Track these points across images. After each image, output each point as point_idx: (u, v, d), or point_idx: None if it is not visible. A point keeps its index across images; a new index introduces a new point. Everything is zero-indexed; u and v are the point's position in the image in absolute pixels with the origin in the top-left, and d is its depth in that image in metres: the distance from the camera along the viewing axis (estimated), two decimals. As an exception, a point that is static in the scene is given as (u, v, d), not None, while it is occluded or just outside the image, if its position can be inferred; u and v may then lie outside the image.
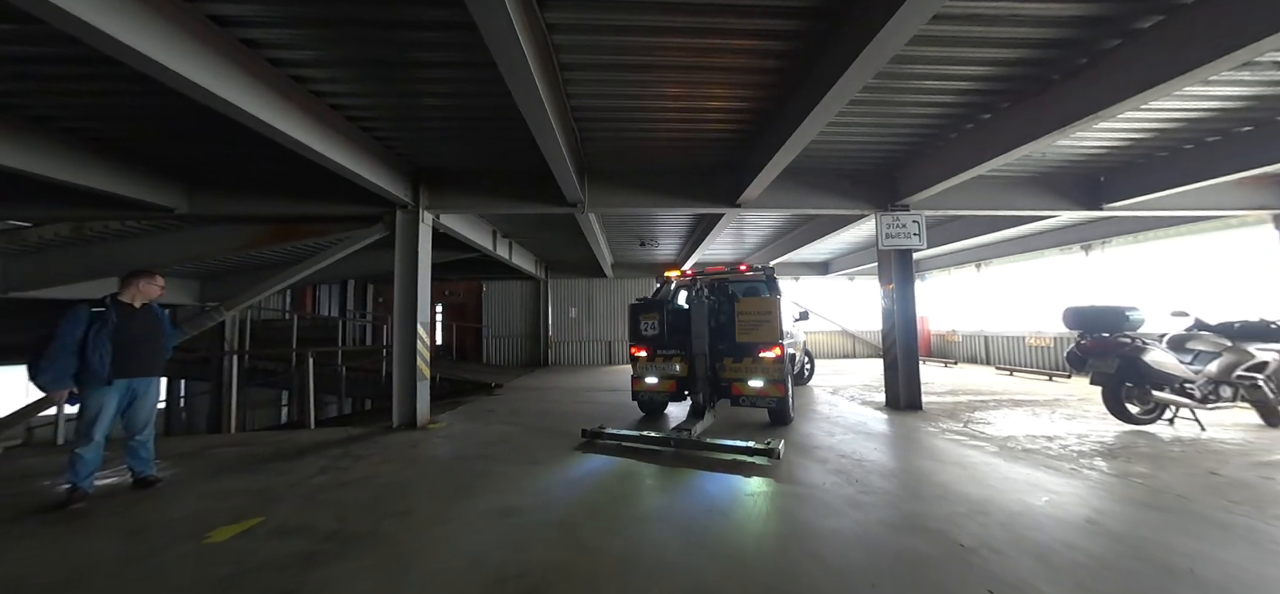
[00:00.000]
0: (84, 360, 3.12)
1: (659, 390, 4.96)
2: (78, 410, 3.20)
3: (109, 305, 3.30)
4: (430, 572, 2.17)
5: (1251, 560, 2.15)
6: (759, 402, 4.68)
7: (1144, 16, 3.09)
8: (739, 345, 4.67)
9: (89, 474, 3.20)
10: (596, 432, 4.33)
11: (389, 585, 2.06)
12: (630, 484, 3.31)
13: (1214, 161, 4.99)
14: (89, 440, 3.16)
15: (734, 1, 2.91)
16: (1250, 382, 4.38)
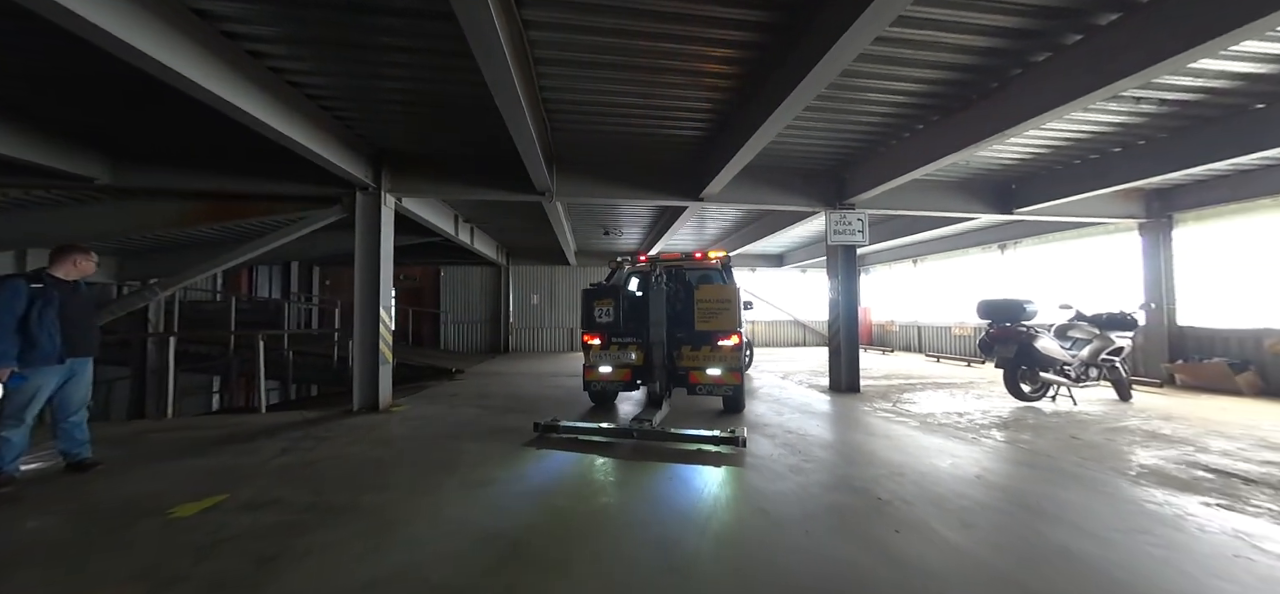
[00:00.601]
0: (30, 338, 2.96)
1: (613, 380, 4.79)
2: (10, 391, 3.01)
3: (47, 281, 3.12)
4: (417, 534, 2.32)
5: (1085, 498, 2.74)
6: (716, 390, 4.64)
7: (1037, 52, 3.64)
8: (698, 333, 4.58)
9: (15, 457, 3.06)
10: (550, 425, 3.97)
11: (379, 547, 2.19)
12: (587, 483, 3.04)
13: (1095, 176, 5.88)
14: (20, 423, 3.03)
15: (698, 13, 3.14)
16: (1110, 364, 5.29)
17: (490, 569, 2.01)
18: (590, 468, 3.29)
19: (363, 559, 2.09)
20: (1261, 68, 3.91)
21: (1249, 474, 3.08)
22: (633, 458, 3.46)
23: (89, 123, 4.63)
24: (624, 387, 4.90)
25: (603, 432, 3.92)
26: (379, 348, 5.36)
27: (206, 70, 3.10)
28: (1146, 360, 7.12)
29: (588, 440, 3.84)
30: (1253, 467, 3.24)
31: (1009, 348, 5.32)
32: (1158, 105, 4.55)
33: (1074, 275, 8.71)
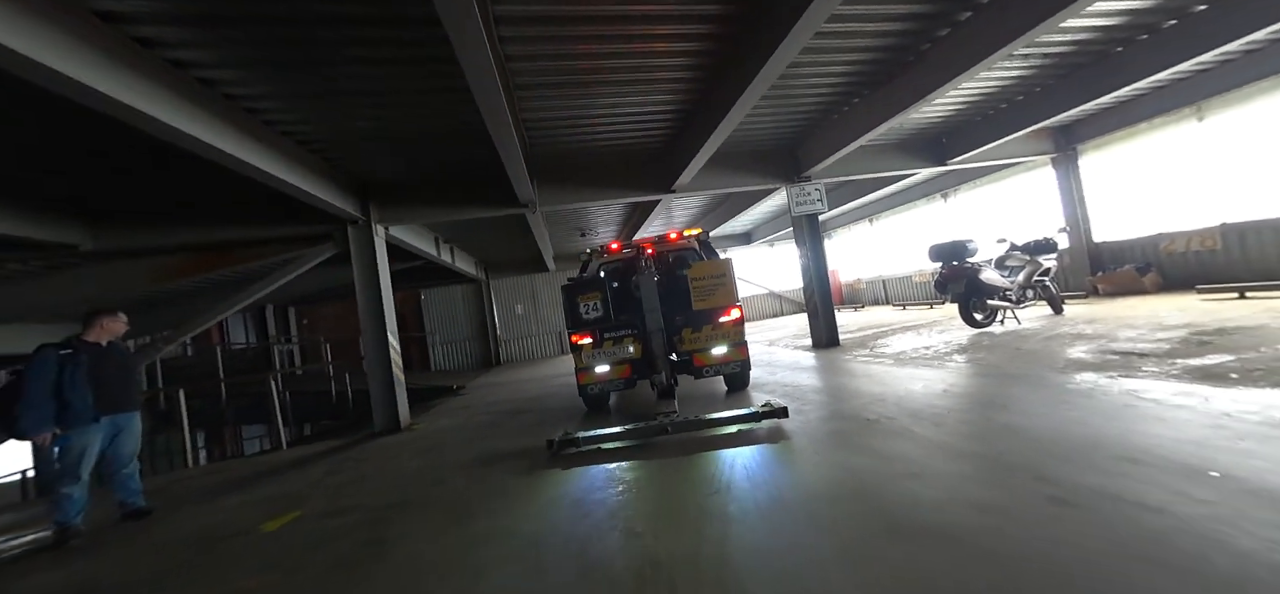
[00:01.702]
0: (64, 401, 3.14)
1: (612, 379, 4.33)
2: (60, 452, 3.21)
3: (76, 346, 3.30)
4: (494, 507, 2.67)
5: (1025, 390, 3.39)
6: (724, 368, 4.41)
7: (940, 28, 4.28)
8: (697, 313, 4.31)
9: (79, 512, 3.24)
10: (566, 439, 3.34)
11: (464, 522, 2.53)
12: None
13: (1008, 123, 6.74)
14: (77, 479, 3.21)
15: (658, 31, 3.57)
16: (1042, 284, 6.13)
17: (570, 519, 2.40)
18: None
19: (455, 530, 2.44)
20: (1112, 21, 4.74)
21: (1144, 351, 3.84)
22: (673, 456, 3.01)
23: (71, 192, 4.63)
24: (624, 385, 4.43)
25: (633, 433, 3.37)
26: (392, 370, 5.56)
27: (209, 129, 3.29)
28: (1073, 276, 8.15)
29: (614, 450, 3.28)
30: (1147, 345, 4.02)
31: (959, 284, 6.07)
32: (1043, 59, 5.35)
33: (1007, 212, 9.73)
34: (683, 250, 5.27)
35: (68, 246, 4.93)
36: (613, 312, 4.38)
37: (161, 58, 2.99)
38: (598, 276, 4.85)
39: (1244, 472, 1.79)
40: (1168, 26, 4.96)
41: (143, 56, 2.85)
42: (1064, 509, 1.73)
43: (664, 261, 4.95)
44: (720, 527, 2.04)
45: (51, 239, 4.74)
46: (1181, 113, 6.69)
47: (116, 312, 3.54)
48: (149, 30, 2.79)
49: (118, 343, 3.56)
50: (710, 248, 5.37)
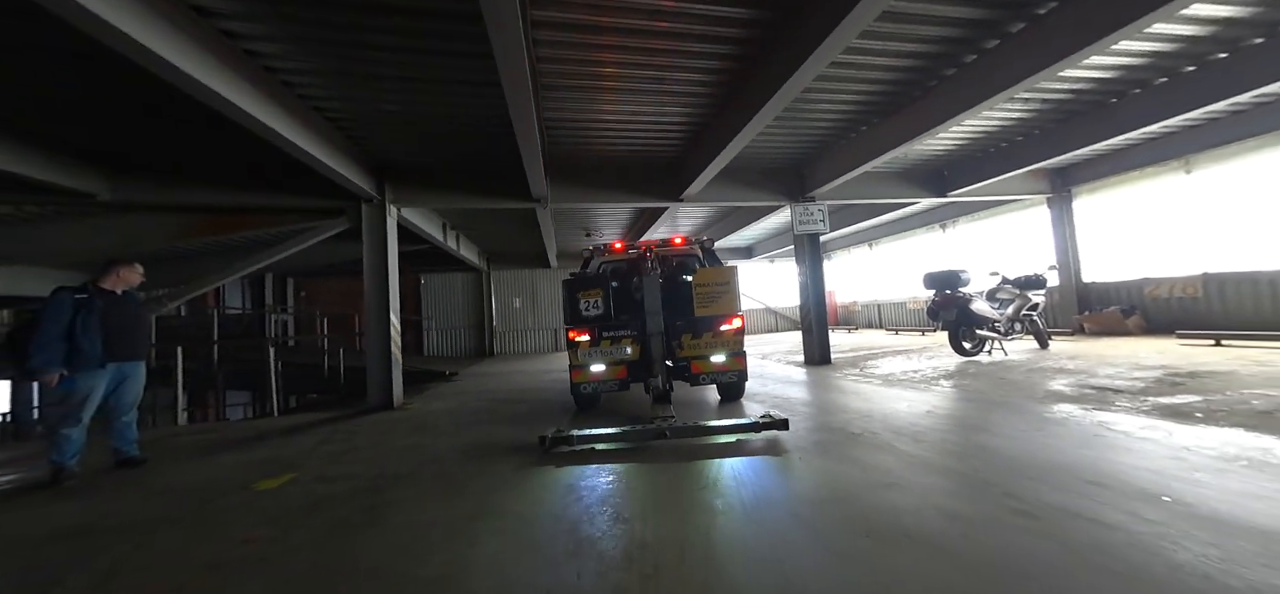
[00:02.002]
0: (75, 345, 3.23)
1: (606, 379, 4.27)
2: (65, 394, 3.29)
3: (91, 292, 3.40)
4: (486, 486, 2.78)
5: (1005, 416, 3.54)
6: (721, 378, 4.35)
7: (947, 68, 4.48)
8: (698, 320, 4.24)
9: (75, 454, 3.31)
10: (559, 436, 3.20)
11: (458, 498, 2.64)
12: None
13: (1007, 160, 6.96)
14: (77, 422, 3.29)
15: (682, 48, 3.74)
16: (1030, 318, 6.32)
17: (562, 501, 2.52)
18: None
19: (448, 502, 2.55)
20: (1108, 74, 4.97)
21: (1119, 388, 4.01)
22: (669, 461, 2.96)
23: (92, 141, 4.72)
24: (619, 386, 4.35)
25: (628, 435, 3.28)
26: (391, 349, 5.66)
27: (243, 92, 3.42)
28: (1062, 313, 8.36)
29: (609, 451, 3.19)
30: (1123, 382, 4.18)
31: (950, 312, 6.25)
32: (1042, 103, 5.58)
33: (1002, 246, 9.97)
34: (686, 256, 5.22)
35: (86, 195, 5.01)
36: (613, 311, 4.30)
37: (215, 27, 3.12)
38: (601, 273, 4.75)
39: (1193, 498, 1.94)
40: (1159, 83, 5.20)
41: (198, 23, 2.98)
42: (1026, 520, 1.87)
43: (666, 265, 4.85)
44: (706, 519, 2.16)
45: (70, 185, 4.82)
46: (1171, 164, 6.95)
47: (133, 262, 3.65)
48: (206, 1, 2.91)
49: (132, 292, 3.66)
50: (714, 255, 5.26)
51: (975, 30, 3.94)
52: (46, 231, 6.13)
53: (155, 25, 2.72)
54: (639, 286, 4.31)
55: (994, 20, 3.82)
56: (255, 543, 2.22)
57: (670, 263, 5.01)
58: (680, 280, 4.55)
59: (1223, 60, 4.73)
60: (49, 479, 3.22)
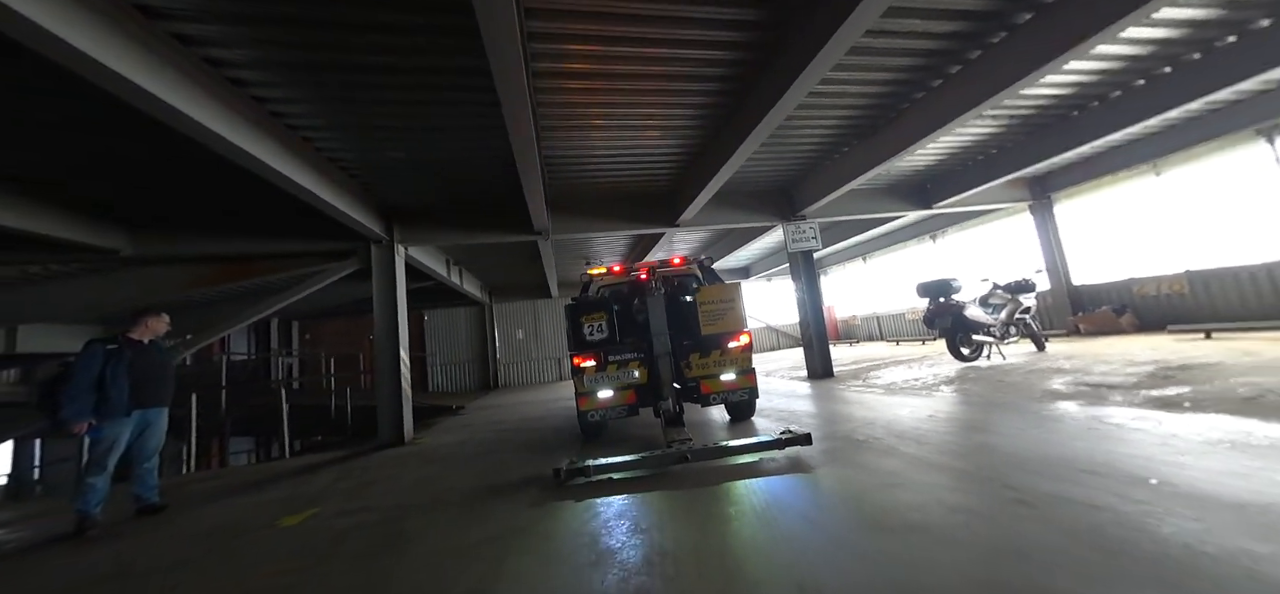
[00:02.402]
0: (103, 394, 3.34)
1: (615, 405, 4.13)
2: (92, 443, 3.39)
3: (121, 342, 3.54)
4: (511, 508, 2.86)
5: (1004, 416, 3.65)
6: (731, 396, 4.24)
7: (917, 91, 4.79)
8: (705, 338, 4.17)
9: (99, 502, 3.37)
10: (574, 468, 3.10)
11: (479, 525, 2.72)
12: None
13: (986, 171, 7.26)
14: (103, 470, 3.37)
15: (678, 74, 4.01)
16: (1023, 321, 6.47)
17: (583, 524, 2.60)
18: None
19: (472, 527, 2.63)
20: (1063, 91, 5.32)
21: (1112, 383, 4.13)
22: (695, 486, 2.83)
23: (115, 197, 4.94)
24: (628, 412, 4.19)
25: (649, 461, 3.15)
26: (401, 386, 5.75)
27: (266, 147, 3.66)
28: (1056, 315, 8.52)
29: (628, 479, 3.09)
30: (1116, 378, 4.31)
31: (946, 319, 6.40)
32: (1010, 119, 5.92)
33: (992, 253, 10.21)
34: (685, 276, 5.18)
35: (110, 251, 5.22)
36: (619, 333, 4.22)
37: (224, 76, 3.28)
38: (604, 297, 4.61)
39: (1178, 480, 2.05)
40: (1114, 96, 5.56)
41: (209, 73, 3.16)
42: (1023, 508, 1.98)
43: (667, 285, 4.76)
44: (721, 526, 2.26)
45: (94, 243, 5.03)
46: (1140, 168, 7.26)
47: (160, 312, 3.80)
48: (217, 52, 3.10)
49: (158, 341, 3.79)
50: (714, 273, 5.15)
51: (938, 59, 4.26)
52: (69, 288, 6.32)
53: (190, 92, 2.97)
54: (641, 308, 4.27)
55: (953, 50, 4.14)
56: (287, 574, 2.30)
57: (671, 283, 4.95)
58: (683, 299, 4.48)
59: (1168, 74, 5.08)
60: (73, 529, 3.28)
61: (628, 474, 3.14)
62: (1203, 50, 4.76)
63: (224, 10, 2.80)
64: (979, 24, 3.84)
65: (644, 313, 4.25)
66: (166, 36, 2.85)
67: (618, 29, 3.33)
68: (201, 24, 2.85)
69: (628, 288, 4.98)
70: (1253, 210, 6.37)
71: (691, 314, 4.29)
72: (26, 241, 4.67)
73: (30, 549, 3.16)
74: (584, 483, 3.07)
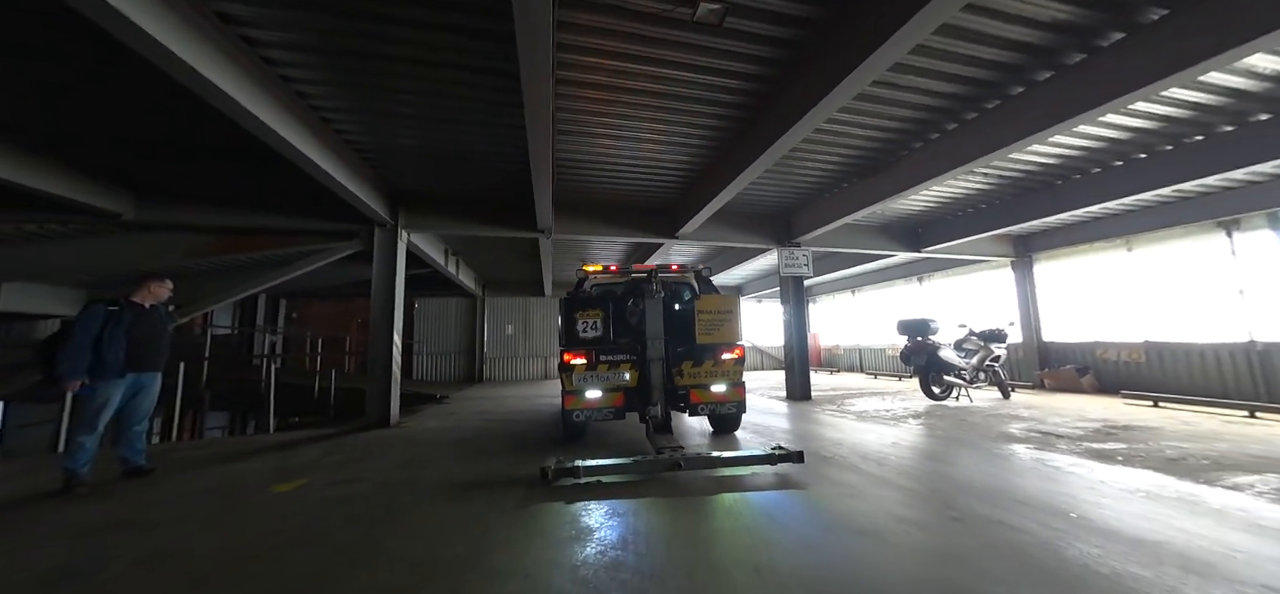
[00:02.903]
0: (100, 355, 3.38)
1: (602, 406, 4.00)
2: (84, 402, 3.42)
3: (123, 305, 3.59)
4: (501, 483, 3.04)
5: (961, 450, 3.94)
6: (719, 408, 4.17)
7: (916, 142, 5.15)
8: (700, 347, 4.10)
9: (87, 462, 3.40)
10: (563, 468, 3.02)
11: (468, 496, 2.90)
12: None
13: (974, 224, 7.67)
14: (93, 429, 3.40)
15: (690, 95, 4.30)
16: (992, 369, 6.84)
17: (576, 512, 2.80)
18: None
19: (462, 502, 2.81)
20: (1052, 161, 5.75)
21: (1062, 434, 4.46)
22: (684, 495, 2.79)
23: (123, 162, 5.04)
24: (614, 414, 4.06)
25: (639, 466, 3.11)
26: (392, 369, 5.88)
27: (285, 122, 3.79)
28: (1025, 369, 8.94)
29: (617, 483, 3.03)
30: (1066, 430, 4.64)
31: (921, 358, 6.74)
32: (1000, 178, 6.33)
33: (972, 301, 10.66)
34: (679, 283, 5.12)
35: (113, 214, 5.29)
36: (613, 333, 4.12)
37: (259, 56, 3.44)
38: (601, 293, 4.50)
39: (1094, 516, 2.34)
40: (1095, 172, 6.00)
41: (245, 52, 3.31)
42: (958, 525, 2.24)
43: (665, 289, 4.55)
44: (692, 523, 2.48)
45: (98, 205, 5.10)
46: (1114, 241, 7.75)
47: (164, 278, 3.85)
48: (255, 33, 3.27)
49: (159, 306, 3.85)
50: (711, 284, 5.08)
51: (937, 114, 4.61)
52: (67, 249, 6.31)
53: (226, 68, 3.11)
54: (634, 310, 4.17)
55: (952, 109, 4.50)
56: (286, 532, 2.46)
57: (667, 288, 4.73)
58: (679, 306, 4.44)
59: (1144, 160, 5.53)
60: (61, 486, 3.29)
61: (618, 478, 3.06)
62: (1174, 143, 5.20)
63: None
64: (977, 90, 4.18)
65: (637, 315, 4.19)
66: (211, 14, 3.04)
67: (637, 49, 3.59)
68: (244, 5, 3.04)
69: (622, 288, 4.84)
70: (1208, 294, 6.85)
71: (685, 321, 4.24)
72: (28, 198, 4.71)
73: (21, 503, 3.14)
74: (572, 485, 2.97)
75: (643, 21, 3.31)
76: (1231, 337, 6.58)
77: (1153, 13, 3.23)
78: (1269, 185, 6.03)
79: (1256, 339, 6.33)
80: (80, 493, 3.26)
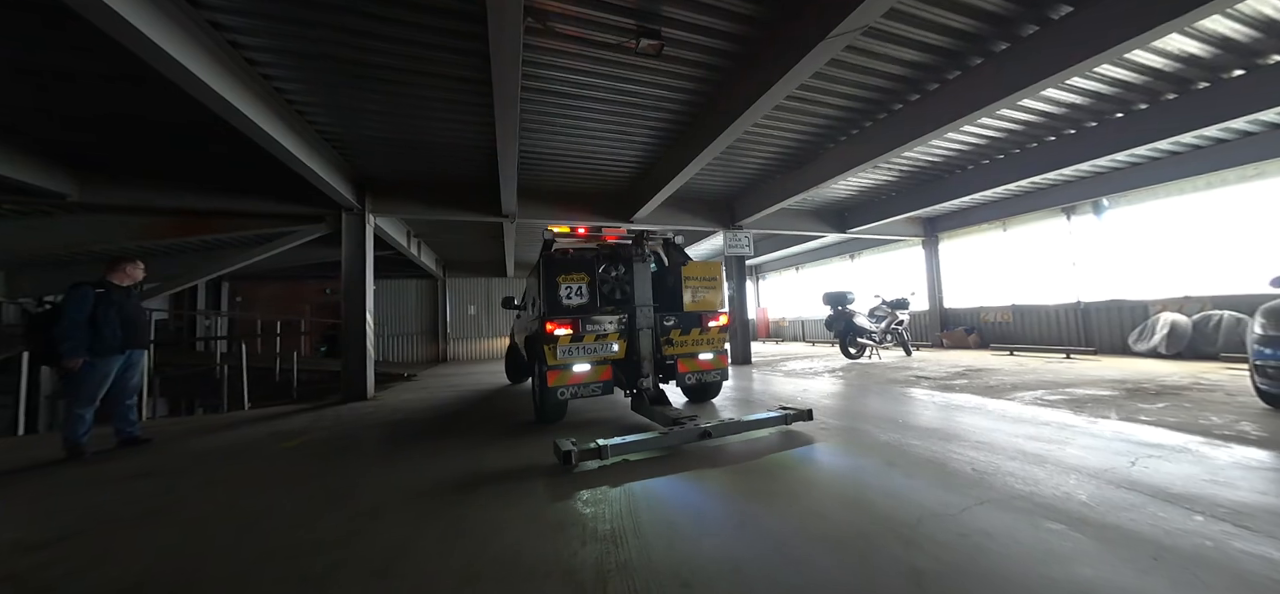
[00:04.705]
0: (98, 332, 3.65)
1: (590, 381, 3.65)
2: (85, 377, 3.66)
3: (107, 286, 3.82)
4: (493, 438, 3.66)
5: (866, 393, 4.98)
6: (705, 377, 4.06)
7: (839, 136, 6.08)
8: (688, 315, 4.01)
9: (86, 432, 3.70)
10: (588, 449, 2.66)
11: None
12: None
13: (887, 208, 8.92)
14: (92, 402, 3.70)
15: (644, 103, 4.92)
16: (898, 332, 8.15)
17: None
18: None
19: (465, 454, 3.42)
20: (951, 154, 6.90)
21: (929, 377, 5.69)
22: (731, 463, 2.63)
23: (67, 142, 4.93)
24: (602, 389, 3.72)
25: (671, 438, 2.88)
26: (366, 347, 6.22)
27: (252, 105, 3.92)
28: (930, 331, 10.52)
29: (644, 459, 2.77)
30: (934, 375, 5.90)
31: (841, 324, 7.92)
32: (902, 172, 7.50)
33: (893, 275, 12.19)
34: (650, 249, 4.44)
35: (57, 194, 5.20)
36: (599, 300, 3.82)
37: (226, 39, 3.51)
38: (586, 256, 4.14)
39: (924, 420, 3.34)
40: (984, 164, 7.26)
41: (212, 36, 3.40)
42: (824, 429, 3.15)
43: (623, 256, 4.26)
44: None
45: (40, 184, 5.00)
46: (995, 223, 9.29)
47: (136, 260, 4.06)
48: (222, 17, 3.35)
49: (134, 288, 4.07)
50: (684, 253, 4.76)
51: (853, 115, 5.49)
52: (5, 228, 6.00)
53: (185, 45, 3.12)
54: (605, 275, 3.89)
55: (864, 111, 5.40)
56: (308, 468, 2.98)
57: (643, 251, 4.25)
58: (665, 271, 4.27)
59: (1018, 155, 6.80)
60: (65, 455, 3.57)
61: (643, 455, 2.79)
62: (1038, 142, 6.44)
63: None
64: (883, 96, 5.04)
65: (610, 281, 4.03)
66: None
67: (591, 67, 4.16)
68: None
69: (593, 252, 4.41)
70: (1054, 266, 8.63)
71: (670, 288, 4.11)
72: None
73: (38, 468, 3.38)
74: (598, 467, 2.64)
75: (596, 46, 3.88)
76: (1066, 298, 8.28)
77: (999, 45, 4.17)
78: (1091, 180, 7.60)
79: (1081, 300, 8.03)
80: (87, 460, 3.55)
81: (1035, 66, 3.91)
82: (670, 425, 3.00)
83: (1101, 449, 2.62)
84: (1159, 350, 6.60)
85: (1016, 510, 1.89)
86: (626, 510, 2.04)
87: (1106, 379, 5.05)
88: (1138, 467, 2.31)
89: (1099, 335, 7.80)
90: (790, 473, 2.43)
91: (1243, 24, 4.06)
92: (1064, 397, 4.12)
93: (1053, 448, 2.67)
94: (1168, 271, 7.30)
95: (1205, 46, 4.34)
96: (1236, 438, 2.76)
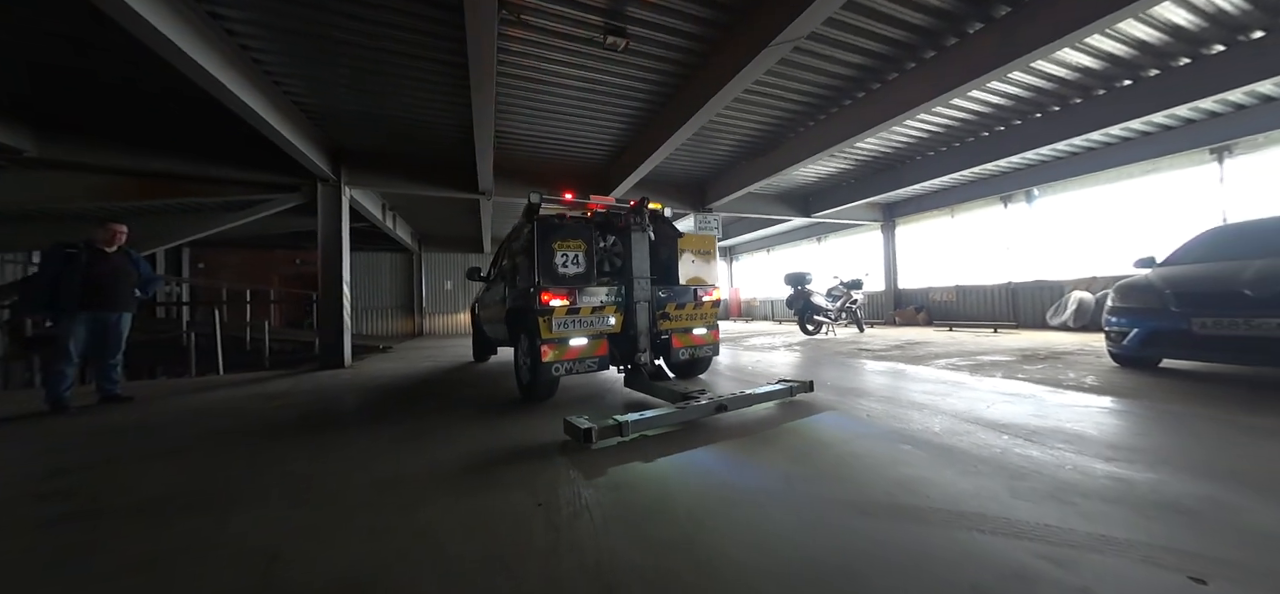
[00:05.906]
0: (55, 292, 3.76)
1: (586, 356, 3.45)
2: (53, 336, 3.82)
3: (82, 247, 3.91)
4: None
5: (819, 363, 5.52)
6: (698, 352, 3.99)
7: (802, 126, 6.50)
8: (683, 289, 3.91)
9: (68, 387, 3.86)
10: (609, 426, 2.49)
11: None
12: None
13: (847, 194, 9.50)
14: (69, 359, 3.84)
15: (617, 89, 5.18)
16: (852, 311, 8.82)
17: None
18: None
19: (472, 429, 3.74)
20: (904, 144, 7.43)
21: (873, 350, 6.31)
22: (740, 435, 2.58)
23: (24, 95, 4.81)
24: (598, 365, 3.51)
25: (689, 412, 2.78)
26: (343, 316, 6.38)
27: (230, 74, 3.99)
28: (885, 310, 11.32)
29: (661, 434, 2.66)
30: (878, 347, 6.53)
31: (799, 303, 8.50)
32: (858, 161, 8.04)
33: (855, 257, 12.93)
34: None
35: (14, 149, 5.09)
36: (594, 270, 3.63)
37: (205, 10, 3.61)
38: (583, 221, 3.88)
39: (857, 381, 3.88)
40: (931, 155, 7.85)
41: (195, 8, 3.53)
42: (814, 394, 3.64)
43: (619, 225, 4.04)
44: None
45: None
46: (944, 210, 10.02)
47: (119, 223, 4.14)
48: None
49: (128, 251, 4.16)
50: (671, 224, 4.51)
51: (812, 105, 5.91)
52: None
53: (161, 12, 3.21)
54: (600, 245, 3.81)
55: (822, 102, 5.81)
56: (307, 410, 3.25)
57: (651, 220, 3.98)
58: (657, 243, 4.07)
59: (966, 145, 7.39)
60: (49, 410, 3.72)
61: (658, 430, 2.71)
62: (981, 134, 7.03)
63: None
64: (838, 90, 5.46)
65: (602, 251, 3.97)
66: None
67: (562, 57, 4.41)
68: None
69: (589, 218, 4.13)
70: (992, 249, 9.49)
71: (662, 260, 4.03)
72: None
73: (24, 419, 3.51)
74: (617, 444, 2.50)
75: (566, 39, 4.12)
76: (1000, 279, 9.16)
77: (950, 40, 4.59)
78: (1025, 171, 8.35)
79: (1011, 280, 8.90)
80: (71, 414, 3.70)
81: (977, 63, 4.35)
82: (680, 400, 2.87)
83: (971, 399, 3.19)
84: (1068, 324, 7.49)
85: (886, 439, 2.39)
86: (678, 484, 1.94)
87: (1013, 348, 5.78)
88: (991, 410, 2.87)
89: (1024, 312, 8.68)
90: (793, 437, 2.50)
91: (1155, 29, 4.62)
92: (971, 363, 4.76)
93: (936, 399, 3.22)
94: (1082, 254, 8.19)
95: (1125, 48, 4.90)
96: (1075, 387, 3.40)
